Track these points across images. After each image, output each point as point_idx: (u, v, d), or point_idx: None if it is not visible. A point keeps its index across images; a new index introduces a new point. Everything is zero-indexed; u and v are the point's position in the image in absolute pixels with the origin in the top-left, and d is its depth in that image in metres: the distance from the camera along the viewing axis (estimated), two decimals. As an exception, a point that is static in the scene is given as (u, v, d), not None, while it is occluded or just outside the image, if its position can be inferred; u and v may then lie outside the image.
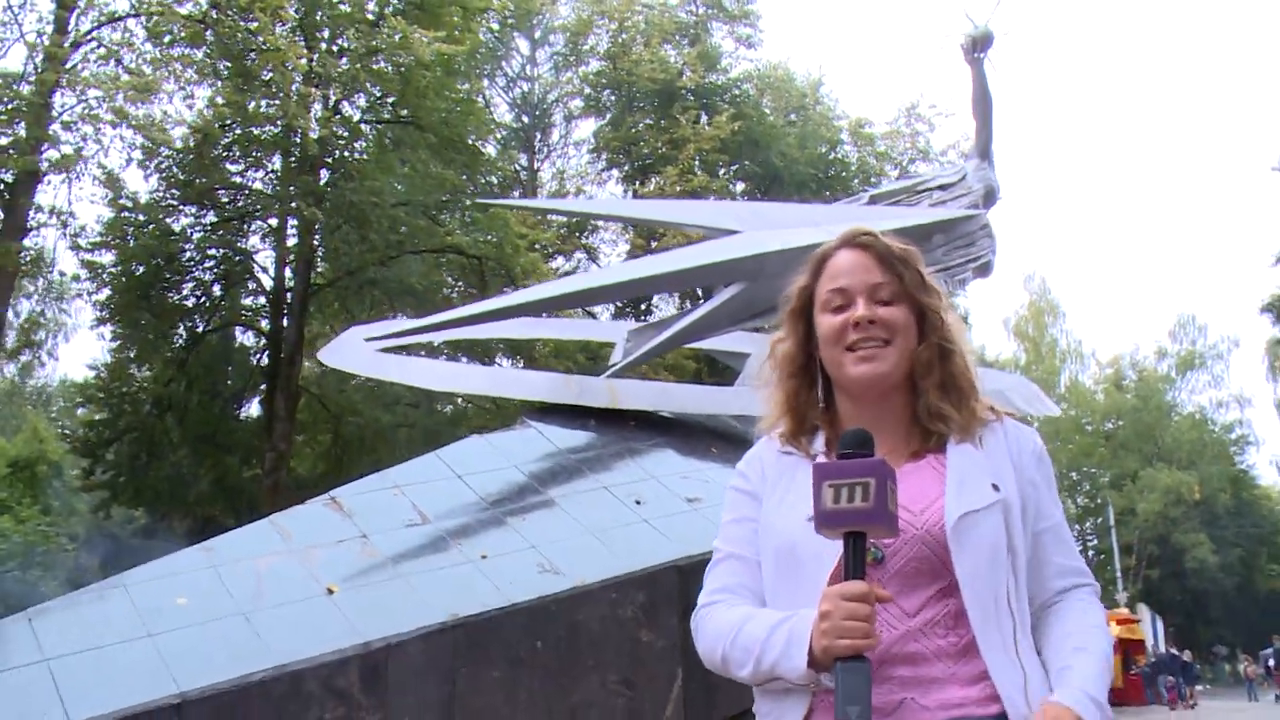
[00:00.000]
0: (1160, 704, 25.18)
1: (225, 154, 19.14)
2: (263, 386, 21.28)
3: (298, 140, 17.82)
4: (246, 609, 4.19)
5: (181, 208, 19.54)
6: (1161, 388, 48.17)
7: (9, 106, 14.51)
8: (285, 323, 19.40)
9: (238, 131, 18.57)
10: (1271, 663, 30.82)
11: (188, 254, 19.57)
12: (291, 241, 19.49)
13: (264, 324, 20.80)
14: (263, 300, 20.96)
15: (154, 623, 4.01)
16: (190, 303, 20.36)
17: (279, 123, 17.73)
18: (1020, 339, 51.82)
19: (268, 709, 3.80)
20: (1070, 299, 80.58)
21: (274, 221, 19.98)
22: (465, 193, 21.14)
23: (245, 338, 22.10)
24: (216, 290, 20.52)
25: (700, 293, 15.61)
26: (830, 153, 29.09)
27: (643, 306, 24.59)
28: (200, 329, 20.30)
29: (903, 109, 30.19)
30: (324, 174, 18.89)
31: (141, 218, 19.07)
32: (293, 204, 17.78)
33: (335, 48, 18.27)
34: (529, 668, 4.43)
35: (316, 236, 18.63)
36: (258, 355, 21.63)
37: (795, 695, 1.53)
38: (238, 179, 19.86)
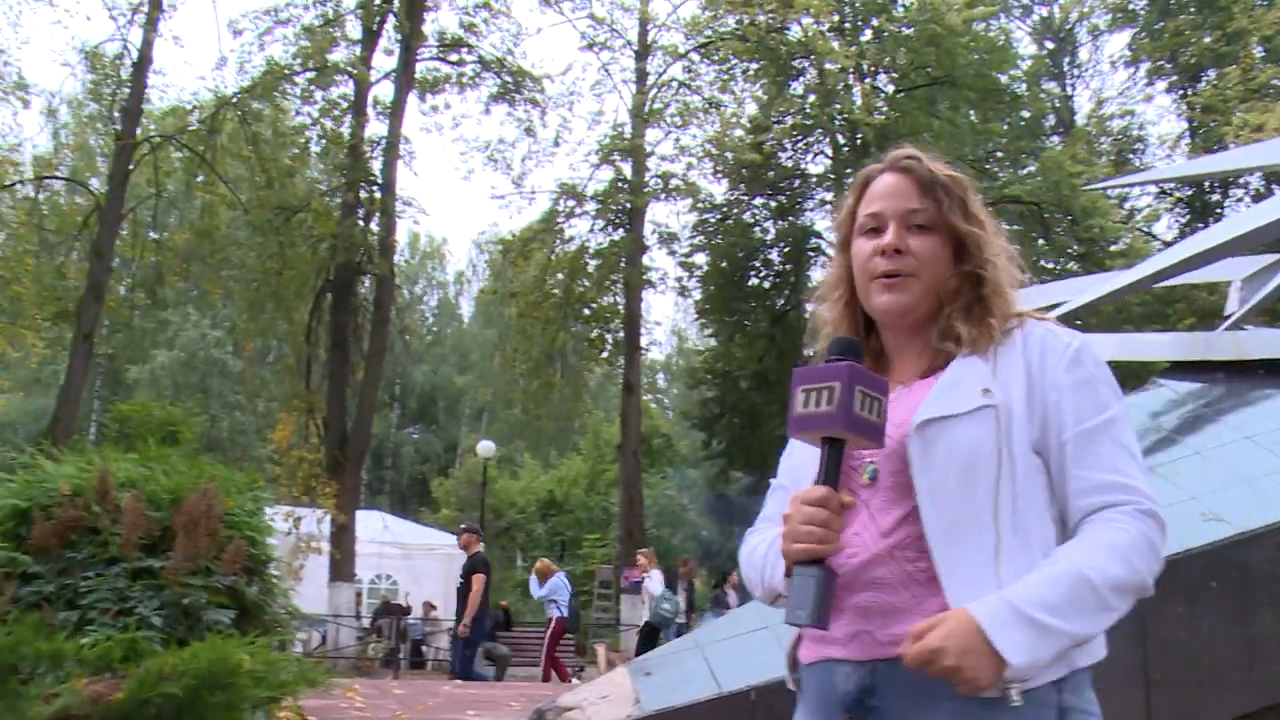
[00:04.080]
0: None
1: (778, 145, 21.07)
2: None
3: (839, 122, 19.25)
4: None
5: (749, 201, 21.90)
6: None
7: (620, 149, 17.54)
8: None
9: (787, 123, 20.42)
10: None
11: (763, 241, 21.88)
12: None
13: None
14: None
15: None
16: (767, 285, 22.76)
17: (823, 109, 19.27)
18: None
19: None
20: None
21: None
22: (1006, 138, 21.31)
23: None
24: (787, 269, 22.71)
25: None
26: None
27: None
28: (779, 307, 22.59)
29: None
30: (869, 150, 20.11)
31: (717, 216, 21.72)
32: (849, 182, 19.16)
33: (868, 31, 19.44)
34: (1206, 605, 5.15)
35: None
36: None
37: None
38: (788, 163, 21.75)
